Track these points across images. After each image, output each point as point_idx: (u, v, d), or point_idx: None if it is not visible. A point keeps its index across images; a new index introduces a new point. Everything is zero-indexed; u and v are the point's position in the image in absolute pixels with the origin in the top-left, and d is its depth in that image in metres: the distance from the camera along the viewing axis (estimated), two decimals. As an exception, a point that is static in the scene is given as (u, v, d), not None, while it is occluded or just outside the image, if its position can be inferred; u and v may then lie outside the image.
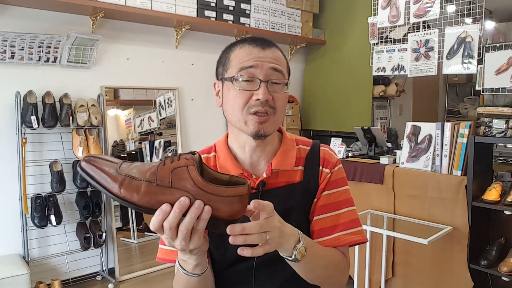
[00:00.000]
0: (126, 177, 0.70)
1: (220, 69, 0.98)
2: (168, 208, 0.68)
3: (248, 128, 0.91)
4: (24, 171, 2.69)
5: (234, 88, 0.92)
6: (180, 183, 0.69)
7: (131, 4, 2.99)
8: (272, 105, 0.91)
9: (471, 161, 2.33)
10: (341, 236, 0.96)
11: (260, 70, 0.91)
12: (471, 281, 2.33)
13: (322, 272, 0.92)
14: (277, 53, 0.95)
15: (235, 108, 0.92)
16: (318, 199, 0.99)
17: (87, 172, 0.71)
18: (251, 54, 0.92)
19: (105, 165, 0.72)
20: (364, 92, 3.92)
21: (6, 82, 2.71)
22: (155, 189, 0.69)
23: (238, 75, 0.91)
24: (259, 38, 0.97)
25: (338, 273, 0.96)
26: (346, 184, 1.02)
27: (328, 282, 0.95)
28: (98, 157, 0.73)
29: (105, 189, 0.70)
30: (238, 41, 0.98)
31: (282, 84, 0.93)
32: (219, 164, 1.00)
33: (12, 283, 2.42)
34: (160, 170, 0.70)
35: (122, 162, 0.73)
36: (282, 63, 0.95)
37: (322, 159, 1.01)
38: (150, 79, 3.40)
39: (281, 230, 0.77)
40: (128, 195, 0.69)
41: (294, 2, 4.01)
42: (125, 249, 3.27)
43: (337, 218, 0.97)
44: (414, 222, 2.53)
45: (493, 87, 2.51)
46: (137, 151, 3.41)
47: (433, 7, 2.79)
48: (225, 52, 0.98)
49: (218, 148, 1.03)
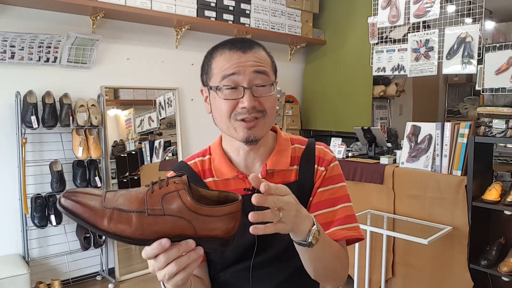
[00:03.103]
0: (114, 210, 0.65)
1: (204, 77, 0.97)
2: (167, 244, 0.65)
3: (238, 134, 0.91)
4: (24, 171, 2.69)
5: (219, 97, 0.91)
6: (173, 209, 0.66)
7: (131, 4, 2.99)
8: (259, 109, 0.90)
9: (471, 161, 2.33)
10: (337, 231, 0.94)
11: (243, 76, 0.89)
12: (471, 281, 2.33)
13: (329, 263, 0.89)
14: (259, 53, 0.93)
15: (222, 116, 0.91)
16: (313, 197, 0.98)
17: (69, 209, 0.65)
18: (231, 60, 0.90)
19: (87, 199, 0.66)
20: (364, 92, 3.92)
21: (6, 82, 2.71)
22: (148, 220, 0.65)
23: (221, 84, 0.89)
24: (239, 40, 0.94)
25: (341, 267, 0.94)
26: (342, 181, 1.01)
27: (332, 275, 0.92)
28: (79, 192, 0.67)
29: (93, 226, 0.65)
30: (218, 45, 0.95)
31: (268, 86, 0.91)
32: (214, 166, 0.99)
33: (12, 283, 2.42)
34: (149, 198, 0.66)
35: (105, 193, 0.68)
36: (266, 63, 0.93)
37: (317, 157, 1.00)
38: (150, 79, 3.40)
39: (297, 210, 0.74)
40: (120, 229, 0.65)
41: (294, 2, 4.01)
42: (125, 249, 3.27)
43: (333, 214, 0.96)
44: (414, 222, 2.53)
45: (493, 87, 2.51)
46: (137, 151, 3.41)
47: (433, 7, 2.79)
48: (206, 59, 0.96)
49: (213, 151, 1.03)
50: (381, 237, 2.57)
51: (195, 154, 1.04)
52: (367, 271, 2.70)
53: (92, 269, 3.09)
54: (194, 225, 0.67)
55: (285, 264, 0.96)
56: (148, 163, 3.44)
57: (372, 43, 3.24)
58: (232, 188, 0.97)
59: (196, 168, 1.00)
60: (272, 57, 0.99)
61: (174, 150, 3.53)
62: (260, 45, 0.96)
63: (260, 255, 0.95)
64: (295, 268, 0.96)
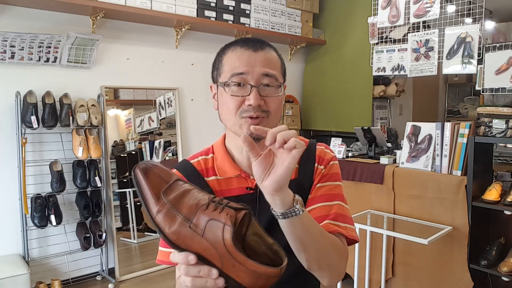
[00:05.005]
0: (167, 204, 0.68)
1: (215, 73, 0.98)
2: (192, 261, 0.67)
3: (242, 131, 0.91)
4: (24, 171, 2.69)
5: (226, 93, 0.92)
6: (211, 238, 0.67)
7: (131, 4, 2.99)
8: (265, 109, 0.90)
9: (471, 161, 2.33)
10: (329, 224, 0.92)
11: (251, 76, 0.90)
12: (471, 281, 2.33)
13: (322, 243, 0.85)
14: (269, 54, 0.94)
15: (228, 112, 0.92)
16: (311, 194, 0.98)
17: (138, 180, 0.70)
18: (242, 58, 0.91)
19: (156, 179, 0.70)
20: (364, 92, 3.92)
21: (6, 82, 2.71)
22: (187, 232, 0.67)
23: (230, 81, 0.91)
24: (252, 39, 0.96)
25: (336, 255, 0.90)
26: (339, 180, 1.01)
27: (327, 262, 0.88)
28: (154, 167, 0.71)
29: (146, 206, 0.69)
30: (231, 43, 0.96)
31: (275, 87, 0.92)
32: (217, 165, 0.99)
33: (12, 283, 2.42)
34: (200, 212, 0.68)
35: (174, 181, 0.71)
36: (275, 66, 0.94)
37: (318, 156, 1.01)
38: (150, 79, 3.40)
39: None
40: (161, 223, 0.68)
41: (294, 2, 4.01)
42: (125, 249, 3.27)
43: (328, 209, 0.95)
44: (414, 222, 2.53)
45: (493, 87, 2.51)
46: (137, 151, 3.41)
47: (433, 7, 2.79)
48: (218, 55, 0.98)
49: (216, 150, 1.03)
50: (381, 237, 2.57)
51: (198, 153, 1.04)
52: (367, 271, 2.70)
53: (92, 269, 3.09)
54: (223, 262, 0.67)
55: None
56: (148, 163, 3.43)
57: (372, 43, 3.24)
58: (235, 187, 0.97)
59: (199, 167, 1.00)
60: (283, 59, 0.99)
61: (174, 150, 3.53)
62: (272, 46, 0.97)
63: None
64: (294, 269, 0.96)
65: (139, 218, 3.40)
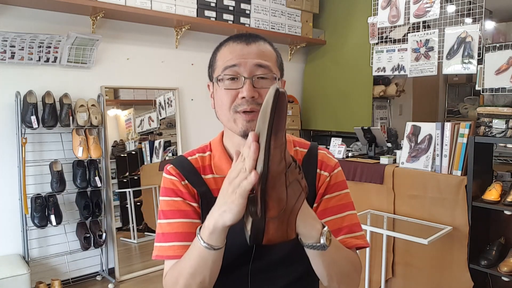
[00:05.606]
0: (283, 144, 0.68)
1: (210, 70, 0.98)
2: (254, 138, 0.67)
3: (237, 127, 0.90)
4: (24, 171, 2.69)
5: (220, 88, 0.91)
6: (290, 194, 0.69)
7: (131, 4, 2.99)
8: (259, 101, 0.88)
9: (471, 161, 2.33)
10: (347, 239, 0.92)
11: (243, 68, 0.88)
12: (471, 281, 2.33)
13: (344, 266, 0.86)
14: (263, 46, 0.92)
15: (223, 108, 0.91)
16: (318, 204, 0.96)
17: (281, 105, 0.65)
18: (234, 52, 0.90)
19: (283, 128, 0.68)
20: (364, 92, 3.92)
21: (6, 82, 2.71)
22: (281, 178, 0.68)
23: (223, 74, 0.90)
24: (245, 34, 0.94)
25: (355, 272, 0.90)
26: (346, 187, 1.00)
27: (347, 281, 0.88)
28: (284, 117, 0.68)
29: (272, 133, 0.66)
30: (225, 40, 0.95)
31: (270, 78, 0.90)
32: (214, 163, 0.98)
33: (12, 283, 2.42)
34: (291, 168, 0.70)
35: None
36: (269, 57, 0.92)
37: (320, 161, 0.98)
38: (150, 79, 3.40)
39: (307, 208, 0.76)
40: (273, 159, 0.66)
41: (294, 2, 4.01)
42: (125, 249, 3.27)
43: (341, 221, 0.94)
44: (414, 222, 2.53)
45: (493, 87, 2.51)
46: (137, 151, 3.41)
47: (433, 7, 2.79)
48: (213, 53, 0.97)
49: (213, 147, 1.01)
50: (381, 237, 2.57)
51: (195, 150, 1.03)
52: (367, 271, 2.70)
53: (92, 269, 3.09)
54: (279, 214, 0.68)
55: (286, 270, 0.94)
56: (148, 163, 3.44)
57: (372, 43, 3.24)
58: None
59: (196, 164, 0.98)
60: (279, 52, 0.97)
61: (174, 150, 3.53)
62: (266, 39, 0.96)
63: (259, 260, 0.93)
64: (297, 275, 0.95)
65: (139, 218, 3.41)
